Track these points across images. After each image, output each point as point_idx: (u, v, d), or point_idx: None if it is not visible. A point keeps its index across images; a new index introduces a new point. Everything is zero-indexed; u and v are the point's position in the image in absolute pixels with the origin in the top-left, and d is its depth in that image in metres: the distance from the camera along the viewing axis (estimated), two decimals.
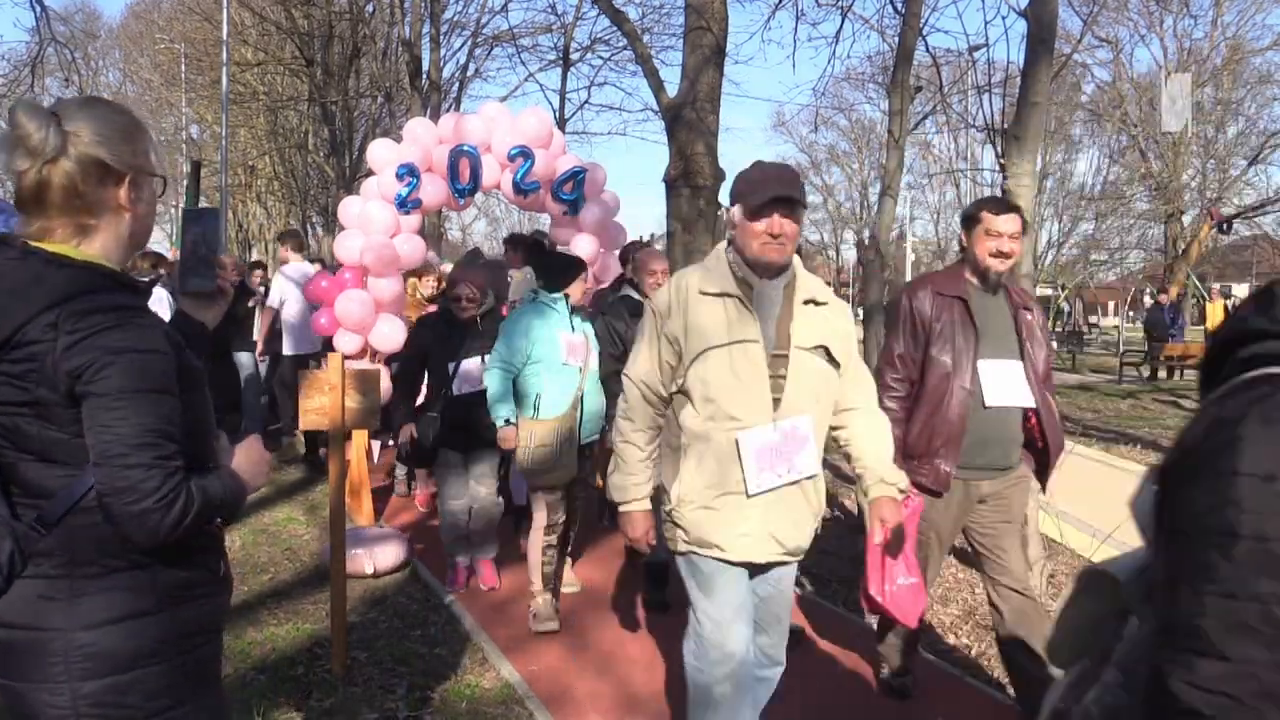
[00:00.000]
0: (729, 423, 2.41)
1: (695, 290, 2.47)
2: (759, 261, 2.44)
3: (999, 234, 3.11)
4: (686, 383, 2.47)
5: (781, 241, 2.41)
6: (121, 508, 1.39)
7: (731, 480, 2.43)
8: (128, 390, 1.40)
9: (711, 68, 7.96)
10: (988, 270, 3.15)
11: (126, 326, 1.43)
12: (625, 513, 2.64)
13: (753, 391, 2.41)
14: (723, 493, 2.43)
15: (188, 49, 25.73)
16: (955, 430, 3.08)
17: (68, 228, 1.48)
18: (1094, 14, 15.49)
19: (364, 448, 6.24)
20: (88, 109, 1.50)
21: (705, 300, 2.45)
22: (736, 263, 2.50)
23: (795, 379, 2.45)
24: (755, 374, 2.41)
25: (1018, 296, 3.27)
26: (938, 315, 3.15)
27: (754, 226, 2.41)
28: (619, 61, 20.69)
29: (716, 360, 2.41)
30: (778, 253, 2.42)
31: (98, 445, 1.40)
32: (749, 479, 2.41)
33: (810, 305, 2.52)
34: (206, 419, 1.59)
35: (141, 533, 1.41)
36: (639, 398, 2.58)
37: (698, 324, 2.44)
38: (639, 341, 2.61)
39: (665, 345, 2.50)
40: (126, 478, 1.38)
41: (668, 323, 2.49)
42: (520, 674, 3.73)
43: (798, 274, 2.54)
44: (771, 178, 2.43)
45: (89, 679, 1.44)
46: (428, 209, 6.18)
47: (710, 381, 2.41)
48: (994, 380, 3.10)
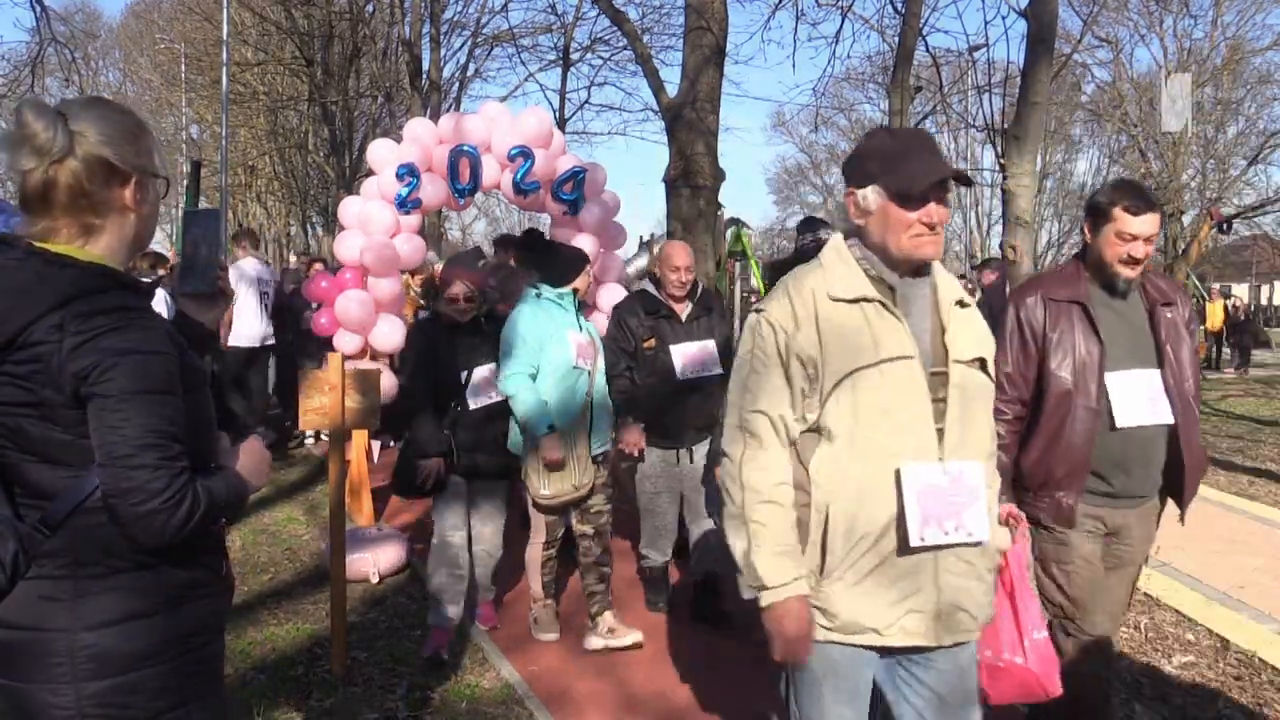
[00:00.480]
0: (886, 461, 1.89)
1: (824, 295, 1.95)
2: (909, 257, 1.95)
3: (1133, 237, 2.64)
4: (824, 416, 1.93)
5: (937, 232, 1.94)
6: (128, 509, 1.39)
7: (887, 536, 1.90)
8: (132, 391, 1.40)
9: (711, 68, 7.96)
10: (1115, 277, 2.70)
11: (131, 328, 1.43)
12: (773, 605, 1.90)
13: (913, 420, 1.91)
14: (879, 557, 1.90)
15: (188, 49, 25.73)
16: (1080, 457, 2.64)
17: (73, 228, 1.48)
18: (1094, 14, 15.50)
19: (364, 448, 6.24)
20: (93, 109, 1.50)
21: (838, 308, 1.94)
22: (867, 259, 2.00)
23: (960, 401, 1.96)
24: (914, 398, 1.91)
25: (1154, 291, 2.78)
26: (1053, 324, 2.71)
27: (903, 214, 1.90)
28: (619, 61, 20.72)
29: (866, 383, 1.89)
30: (933, 246, 1.95)
31: (103, 446, 1.40)
32: (911, 526, 1.86)
33: (959, 307, 2.04)
34: (208, 419, 1.59)
35: (148, 534, 1.41)
36: (777, 440, 1.95)
37: (837, 338, 1.92)
38: (748, 366, 2.01)
39: (797, 367, 1.94)
40: (132, 479, 1.39)
41: (795, 338, 1.94)
42: (520, 674, 3.74)
43: (936, 269, 2.06)
44: (924, 150, 1.94)
45: (93, 679, 1.45)
46: (428, 209, 6.17)
47: (860, 411, 1.89)
48: (1125, 396, 2.66)
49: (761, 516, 1.91)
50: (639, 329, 4.14)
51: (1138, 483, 2.73)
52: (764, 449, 1.95)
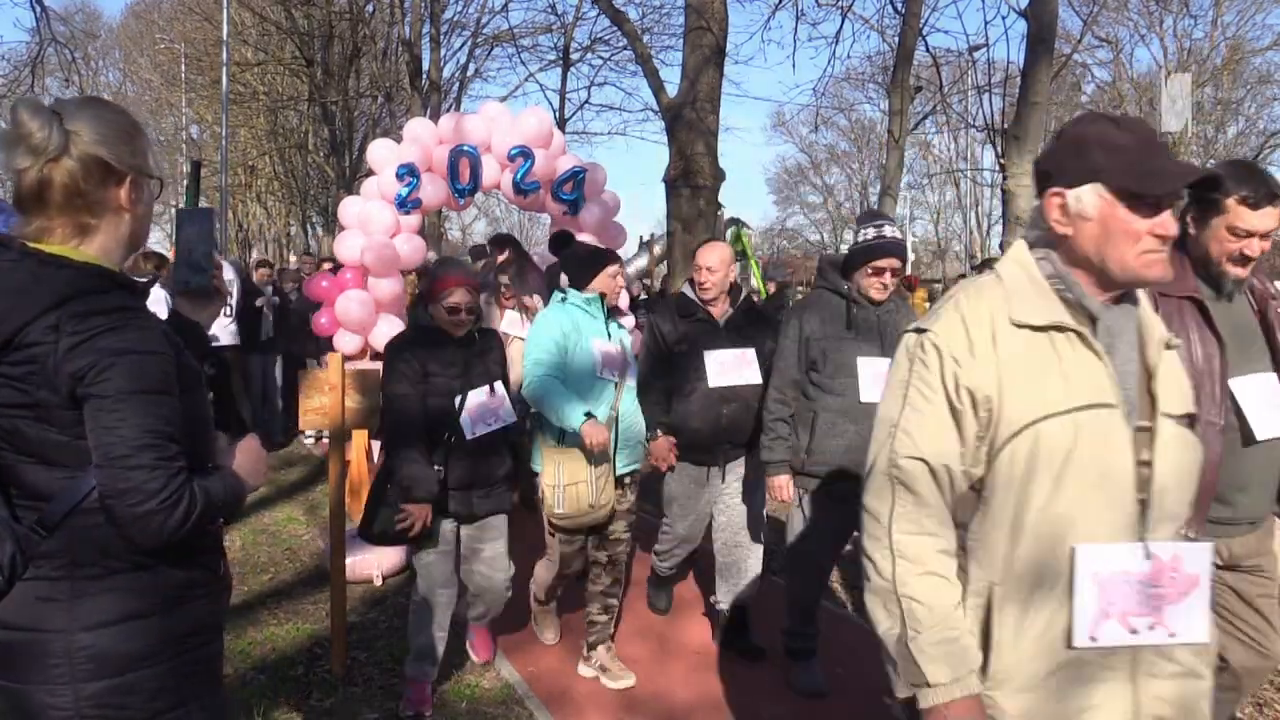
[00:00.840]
0: (1068, 534, 1.50)
1: (1004, 319, 1.55)
2: (1136, 278, 1.55)
3: (1248, 233, 2.30)
4: (993, 474, 1.54)
5: (1166, 248, 1.54)
6: (125, 509, 1.39)
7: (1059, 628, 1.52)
8: (129, 391, 1.40)
9: (711, 68, 7.96)
10: (1222, 276, 2.36)
11: (127, 328, 1.43)
12: (937, 708, 1.52)
13: (1109, 487, 1.50)
14: (1057, 659, 1.52)
15: (188, 49, 25.73)
16: (1209, 480, 2.19)
17: (67, 227, 1.48)
18: (1094, 14, 15.51)
19: (364, 448, 6.24)
20: (88, 109, 1.50)
21: (1021, 336, 1.54)
22: (1060, 277, 1.58)
23: (1169, 467, 1.54)
24: (1113, 459, 1.50)
25: (1260, 284, 2.47)
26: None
27: (1134, 223, 1.51)
28: (619, 61, 20.75)
29: (1052, 436, 1.49)
30: (1163, 267, 1.54)
31: (100, 447, 1.40)
32: (1079, 622, 1.49)
33: (1167, 349, 1.63)
34: (205, 418, 1.59)
35: (145, 534, 1.41)
36: (939, 494, 1.57)
37: (1019, 375, 1.52)
38: (902, 400, 1.61)
39: (968, 406, 1.54)
40: (129, 479, 1.38)
41: (969, 370, 1.54)
42: (520, 674, 3.73)
43: (1141, 298, 1.66)
44: (1162, 145, 1.57)
45: (91, 680, 1.45)
46: (428, 209, 6.17)
47: (1041, 470, 1.49)
48: (1257, 404, 2.31)
49: (920, 592, 1.53)
50: (672, 334, 3.87)
51: (1255, 503, 2.39)
52: (922, 506, 1.57)
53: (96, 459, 1.40)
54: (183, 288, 1.73)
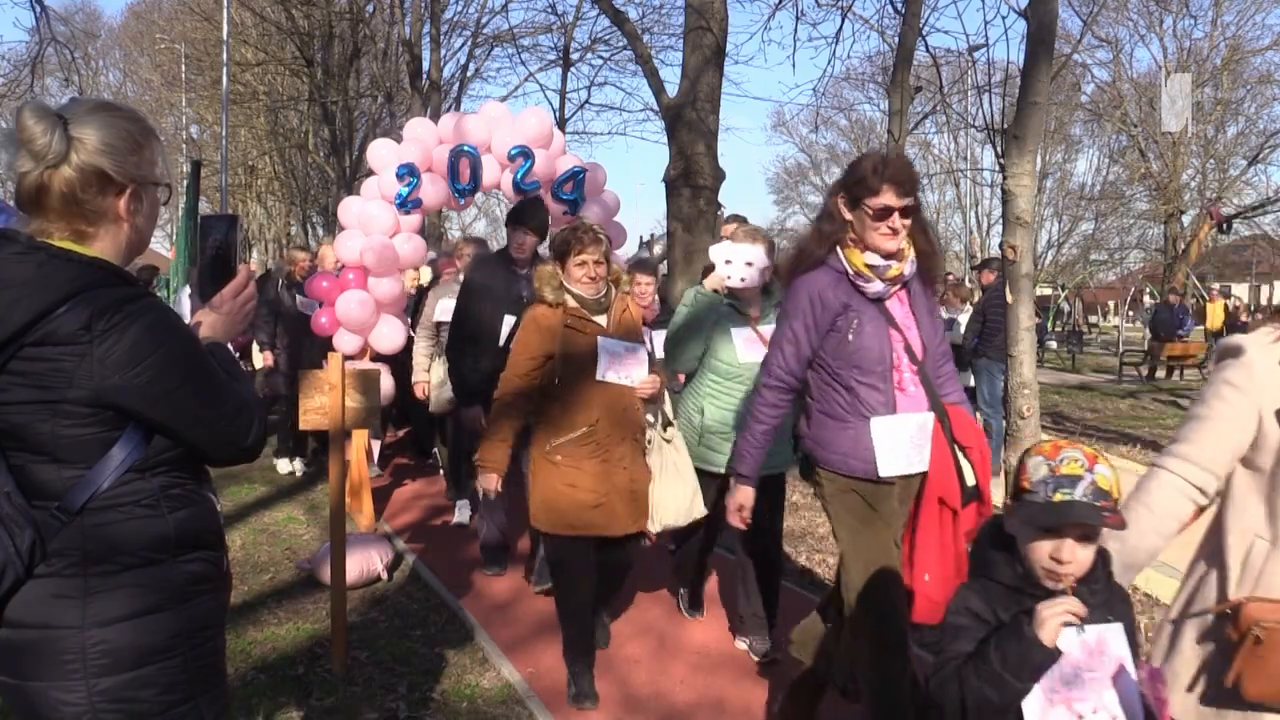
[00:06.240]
0: None
1: None
2: None
3: None
4: None
5: None
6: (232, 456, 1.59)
7: None
8: (180, 368, 1.48)
9: (711, 68, 7.97)
10: None
11: (150, 312, 1.47)
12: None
13: None
14: None
15: (188, 49, 25.73)
16: None
17: (64, 232, 1.49)
18: (1094, 14, 15.50)
19: (364, 448, 6.25)
20: (97, 115, 1.49)
21: None
22: None
23: None
24: None
25: None
26: None
27: None
28: (619, 61, 20.70)
29: None
30: None
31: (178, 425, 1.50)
32: None
33: None
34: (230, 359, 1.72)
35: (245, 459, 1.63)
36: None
37: None
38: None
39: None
40: (228, 434, 1.55)
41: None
42: (520, 674, 3.73)
43: None
44: None
45: (105, 675, 1.46)
46: (428, 209, 6.18)
47: None
48: None
49: None
50: None
51: None
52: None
53: (195, 438, 1.52)
54: (207, 295, 1.71)
